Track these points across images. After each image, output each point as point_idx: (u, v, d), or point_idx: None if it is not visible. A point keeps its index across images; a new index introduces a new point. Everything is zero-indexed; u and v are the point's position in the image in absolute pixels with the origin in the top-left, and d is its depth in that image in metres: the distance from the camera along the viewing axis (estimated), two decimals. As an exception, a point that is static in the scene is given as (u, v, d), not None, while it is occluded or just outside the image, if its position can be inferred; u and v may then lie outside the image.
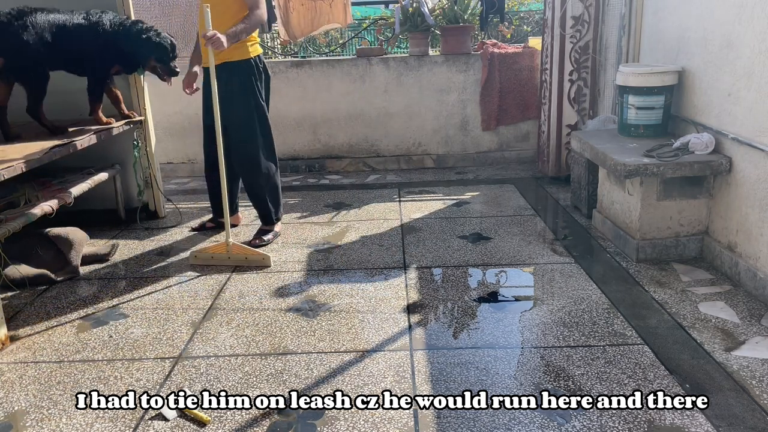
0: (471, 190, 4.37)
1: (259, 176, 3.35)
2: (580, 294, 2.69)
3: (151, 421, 1.94)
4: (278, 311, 2.64)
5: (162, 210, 3.95)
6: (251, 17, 3.10)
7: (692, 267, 2.92)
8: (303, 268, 3.08)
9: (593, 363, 2.16)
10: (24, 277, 2.89)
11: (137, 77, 3.67)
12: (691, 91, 3.10)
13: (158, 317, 2.63)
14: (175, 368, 2.23)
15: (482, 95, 4.97)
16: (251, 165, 3.33)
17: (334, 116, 5.06)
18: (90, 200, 3.49)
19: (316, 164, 5.13)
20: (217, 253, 3.16)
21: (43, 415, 2.00)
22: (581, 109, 4.33)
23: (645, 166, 2.84)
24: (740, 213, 2.73)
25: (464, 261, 3.10)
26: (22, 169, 2.58)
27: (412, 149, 5.14)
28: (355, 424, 1.89)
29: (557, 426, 1.85)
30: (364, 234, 3.54)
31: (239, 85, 3.21)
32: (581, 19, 4.15)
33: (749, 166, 2.66)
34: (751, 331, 2.33)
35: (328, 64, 4.97)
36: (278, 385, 2.10)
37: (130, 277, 3.07)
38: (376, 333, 2.42)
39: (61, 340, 2.46)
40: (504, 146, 5.14)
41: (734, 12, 2.70)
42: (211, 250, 3.18)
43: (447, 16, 4.97)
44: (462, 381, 2.08)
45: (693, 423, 1.83)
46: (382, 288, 2.82)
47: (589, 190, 3.63)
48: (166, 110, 4.94)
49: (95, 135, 3.17)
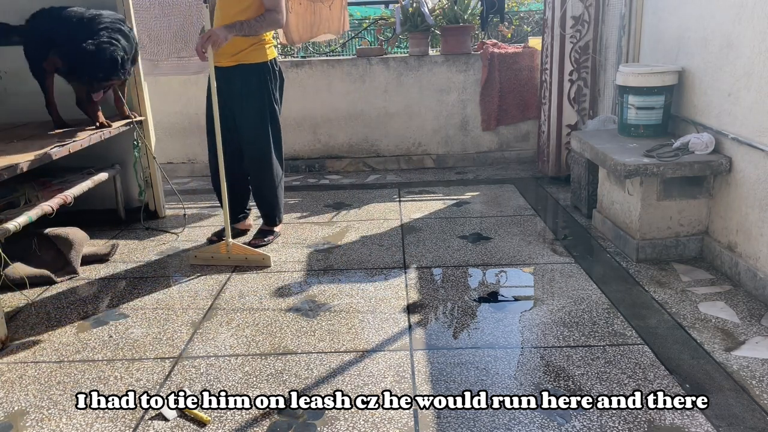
0: (471, 190, 4.37)
1: (268, 177, 3.33)
2: (580, 294, 2.69)
3: (151, 421, 1.94)
4: (278, 311, 2.64)
5: (162, 210, 3.95)
6: (266, 17, 3.02)
7: (692, 267, 2.92)
8: (303, 268, 3.08)
9: (593, 363, 2.16)
10: (24, 277, 2.89)
11: (137, 76, 3.66)
12: (691, 91, 3.10)
13: (158, 317, 2.63)
14: (175, 368, 2.23)
15: (482, 95, 4.97)
16: (262, 165, 3.30)
17: (334, 116, 5.06)
18: (90, 200, 3.48)
19: (316, 164, 5.13)
20: (217, 253, 3.16)
21: (43, 415, 2.00)
22: (581, 109, 4.33)
23: (645, 166, 2.84)
24: (740, 213, 2.73)
25: (464, 261, 3.10)
26: (23, 169, 2.58)
27: (412, 149, 5.14)
28: (355, 424, 1.89)
29: (557, 426, 1.85)
30: (364, 234, 3.54)
31: (256, 87, 3.16)
32: (581, 19, 4.15)
33: (749, 166, 2.66)
34: (751, 331, 2.33)
35: (328, 64, 4.97)
36: (278, 385, 2.10)
37: (130, 277, 3.07)
38: (376, 333, 2.42)
39: (61, 340, 2.46)
40: (504, 146, 5.14)
41: (734, 12, 2.70)
42: (211, 250, 3.18)
43: (447, 16, 4.97)
44: (462, 381, 2.08)
45: (693, 423, 1.83)
46: (382, 288, 2.82)
47: (589, 190, 3.63)
48: (166, 110, 4.94)
49: (95, 135, 3.17)
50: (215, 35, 2.88)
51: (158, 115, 4.74)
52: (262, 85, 3.18)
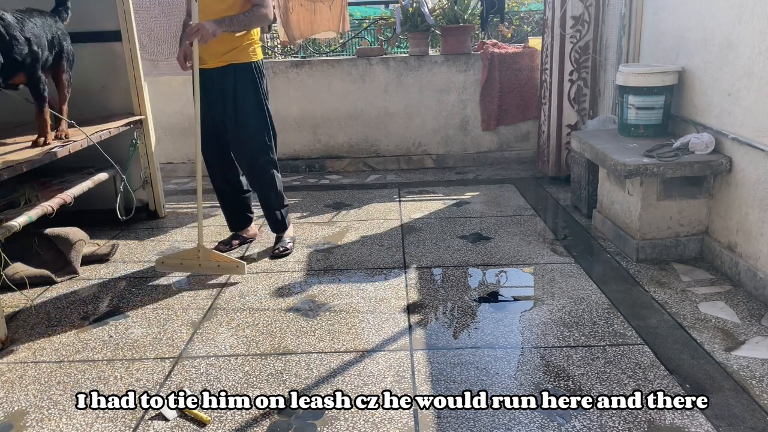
0: (471, 190, 4.37)
1: (273, 184, 3.20)
2: (580, 294, 2.69)
3: (151, 421, 1.94)
4: (278, 311, 2.64)
5: (162, 210, 3.95)
6: (254, 13, 2.91)
7: (692, 267, 2.92)
8: (303, 268, 3.08)
9: (593, 363, 2.16)
10: (24, 277, 2.89)
11: (137, 76, 3.66)
12: (691, 91, 3.10)
13: (158, 317, 2.63)
14: (175, 368, 2.23)
15: (482, 95, 4.97)
16: (266, 173, 3.17)
17: (334, 116, 5.06)
18: (90, 200, 3.48)
19: (316, 164, 5.13)
20: (186, 259, 2.98)
21: (43, 415, 2.00)
22: (581, 109, 4.33)
23: (645, 166, 2.84)
24: (740, 213, 2.73)
25: (464, 261, 3.10)
26: (23, 169, 2.58)
27: (412, 149, 5.14)
28: (355, 424, 1.89)
29: (557, 426, 1.85)
30: (364, 234, 3.54)
31: (251, 85, 3.05)
32: (581, 19, 4.15)
33: (749, 166, 2.66)
34: (751, 331, 2.33)
35: (328, 64, 4.97)
36: (278, 385, 2.10)
37: (130, 277, 3.07)
38: (376, 333, 2.42)
39: (61, 340, 2.46)
40: (504, 146, 5.14)
41: (734, 12, 2.70)
42: (181, 256, 3.01)
43: (447, 16, 4.97)
44: (462, 381, 2.08)
45: (693, 423, 1.83)
46: (382, 288, 2.82)
47: (589, 190, 3.63)
48: (166, 110, 4.94)
49: (95, 135, 3.17)
50: (204, 29, 2.76)
51: (158, 115, 4.74)
52: (256, 84, 3.07)
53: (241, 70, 3.03)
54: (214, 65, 2.99)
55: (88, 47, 3.58)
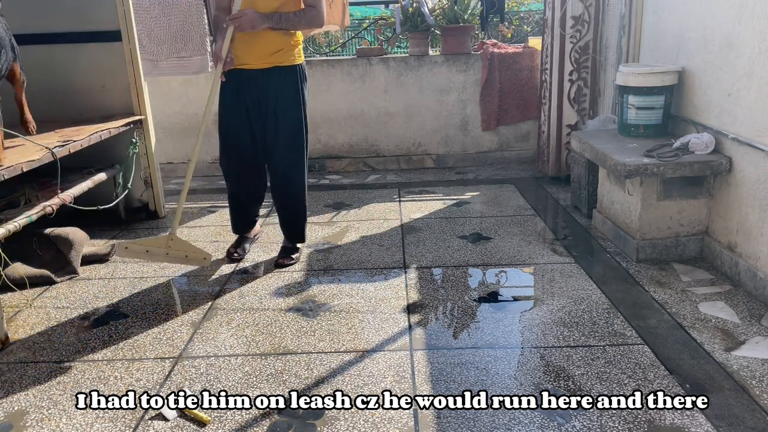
0: (471, 190, 4.37)
1: (304, 198, 3.07)
2: (580, 294, 2.69)
3: (151, 421, 1.94)
4: (278, 311, 2.64)
5: (162, 210, 3.95)
6: (306, 13, 2.73)
7: (692, 267, 2.92)
8: (303, 268, 3.08)
9: (593, 363, 2.16)
10: (24, 277, 2.89)
11: (137, 76, 3.66)
12: (691, 91, 3.10)
13: (158, 317, 2.63)
14: (175, 368, 2.23)
15: (482, 95, 4.97)
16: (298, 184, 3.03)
17: (334, 116, 5.06)
18: (90, 200, 3.48)
19: (316, 164, 5.13)
20: (153, 246, 2.83)
21: (43, 415, 2.00)
22: (581, 109, 4.33)
23: (645, 166, 2.84)
24: (740, 213, 2.73)
25: (464, 261, 3.10)
26: (23, 169, 2.58)
27: (412, 149, 5.14)
28: (355, 424, 1.89)
29: (557, 426, 1.85)
30: (364, 234, 3.54)
31: (293, 92, 2.90)
32: (581, 19, 4.15)
33: (749, 166, 2.66)
34: (751, 331, 2.33)
35: (328, 64, 4.97)
36: (278, 385, 2.10)
37: (130, 277, 3.07)
38: (376, 333, 2.42)
39: (61, 340, 2.46)
40: (504, 146, 5.15)
41: (734, 12, 2.70)
42: (148, 243, 2.86)
43: (447, 16, 4.97)
44: (462, 381, 2.08)
45: (693, 423, 1.83)
46: (382, 288, 2.82)
47: (589, 190, 3.63)
48: (166, 110, 4.94)
49: (95, 135, 3.17)
50: (248, 18, 2.60)
51: (158, 115, 4.74)
52: (299, 91, 2.91)
53: (287, 73, 2.88)
54: (257, 66, 2.83)
55: (88, 47, 3.58)
